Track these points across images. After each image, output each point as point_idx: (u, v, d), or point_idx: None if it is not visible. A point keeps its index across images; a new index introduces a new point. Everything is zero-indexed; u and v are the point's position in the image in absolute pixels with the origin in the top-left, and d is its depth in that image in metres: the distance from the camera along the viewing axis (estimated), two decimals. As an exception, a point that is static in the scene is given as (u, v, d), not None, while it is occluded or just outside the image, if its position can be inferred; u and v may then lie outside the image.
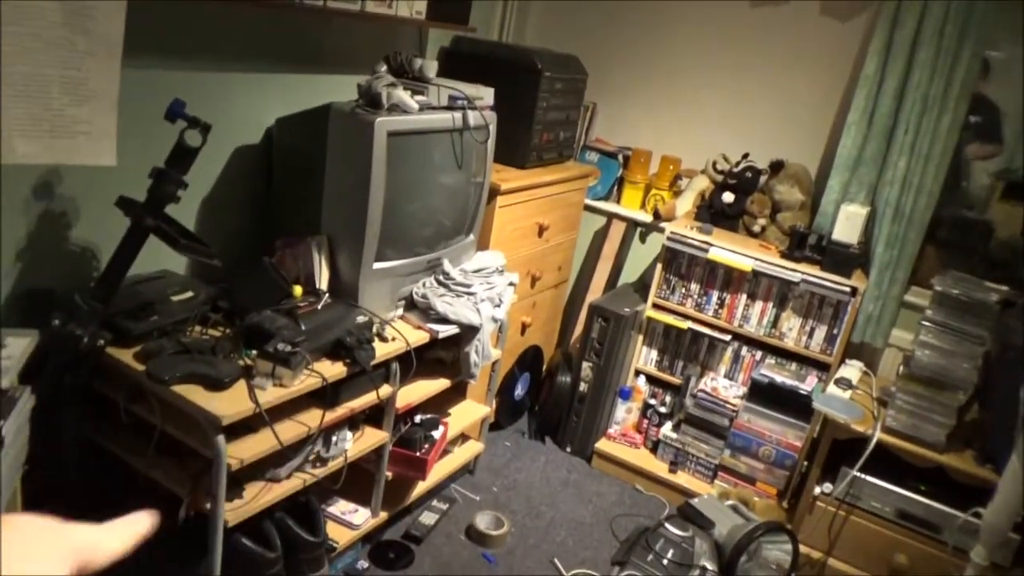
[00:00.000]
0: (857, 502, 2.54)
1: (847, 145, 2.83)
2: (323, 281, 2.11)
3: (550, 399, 3.16)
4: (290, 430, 1.90)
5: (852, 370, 2.82)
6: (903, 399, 2.46)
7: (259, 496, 1.90)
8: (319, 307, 2.02)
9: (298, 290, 2.06)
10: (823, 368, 2.86)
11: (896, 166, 2.75)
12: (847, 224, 2.77)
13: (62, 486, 1.82)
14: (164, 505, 1.83)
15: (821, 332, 2.84)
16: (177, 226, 1.78)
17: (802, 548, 2.53)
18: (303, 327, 1.92)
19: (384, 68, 2.15)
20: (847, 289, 2.73)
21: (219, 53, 2.12)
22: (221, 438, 1.70)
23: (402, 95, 2.04)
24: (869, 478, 2.51)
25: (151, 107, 1.71)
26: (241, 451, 1.78)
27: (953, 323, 2.40)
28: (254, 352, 1.83)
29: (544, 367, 3.32)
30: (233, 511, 1.83)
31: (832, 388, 2.70)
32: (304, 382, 1.87)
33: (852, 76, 2.87)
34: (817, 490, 2.60)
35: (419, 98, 2.12)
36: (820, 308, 2.82)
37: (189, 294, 1.95)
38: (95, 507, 1.93)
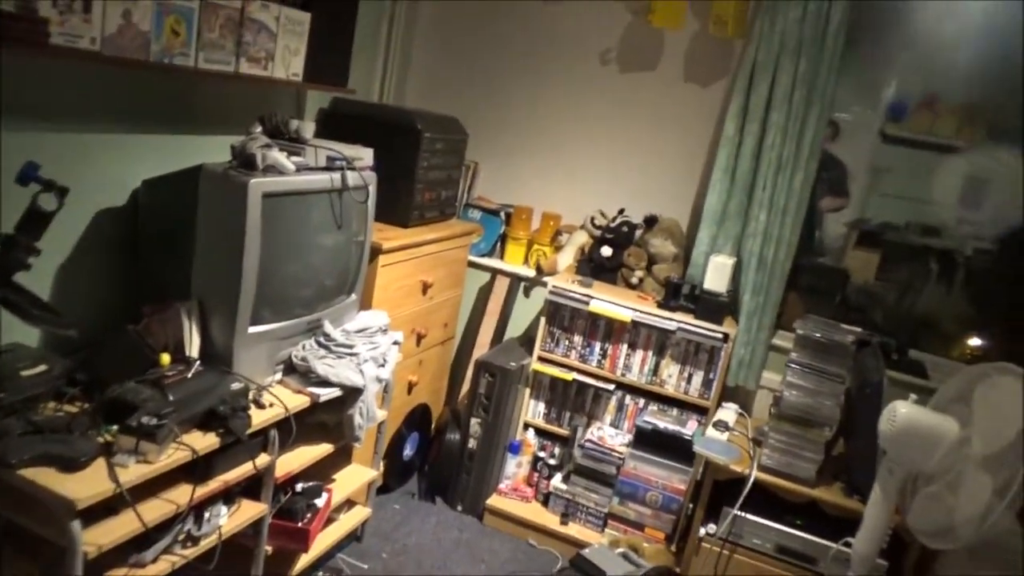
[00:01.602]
0: (739, 540, 2.63)
1: (712, 201, 3.01)
2: (194, 348, 2.02)
3: (440, 458, 3.12)
4: (156, 509, 1.77)
5: (728, 413, 2.94)
6: (775, 438, 2.59)
7: (122, 584, 1.76)
8: (189, 375, 1.92)
9: (165, 358, 1.95)
10: (702, 412, 2.97)
11: (757, 219, 2.95)
12: (716, 274, 2.93)
13: None
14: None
15: (698, 377, 2.96)
16: (28, 295, 1.66)
17: (691, 591, 2.59)
18: (171, 397, 1.81)
19: (259, 129, 2.12)
20: (719, 335, 2.87)
21: (80, 114, 2.02)
22: (76, 524, 1.57)
23: (278, 156, 2.01)
24: (749, 516, 2.60)
25: (4, 171, 1.61)
26: (100, 536, 1.64)
27: (815, 364, 2.57)
28: (115, 427, 1.72)
29: (433, 425, 3.28)
30: (91, 603, 1.68)
31: (711, 431, 2.80)
32: (172, 456, 1.76)
33: (715, 137, 3.08)
34: (702, 531, 2.67)
35: (296, 159, 2.10)
36: (696, 354, 2.94)
37: (42, 368, 1.81)
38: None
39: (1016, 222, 3.13)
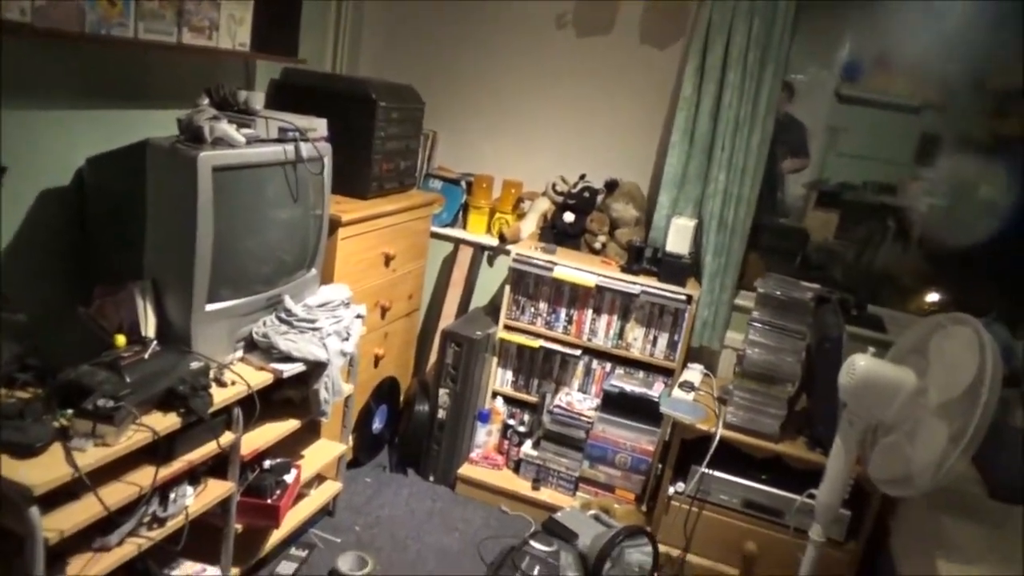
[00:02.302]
0: (707, 497, 2.68)
1: (672, 163, 3.01)
2: (150, 328, 1.97)
3: (409, 430, 3.12)
4: (119, 492, 1.75)
5: (694, 373, 2.98)
6: (740, 396, 2.63)
7: (86, 569, 1.73)
8: (146, 356, 1.88)
9: (121, 339, 1.91)
10: (668, 374, 3.00)
11: (717, 180, 2.96)
12: (678, 236, 2.94)
13: None
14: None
15: (663, 339, 2.98)
16: (-31, 280, 1.61)
17: (661, 548, 2.63)
18: (128, 379, 1.78)
19: (206, 101, 2.06)
20: (683, 297, 2.90)
21: (17, 91, 1.94)
22: (34, 510, 1.54)
23: (226, 128, 1.96)
24: (716, 473, 2.65)
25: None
26: (61, 522, 1.62)
27: (776, 321, 2.61)
28: (70, 411, 1.68)
29: (401, 398, 3.28)
30: (56, 589, 1.66)
31: (677, 392, 2.84)
32: (132, 438, 1.73)
33: (672, 99, 3.07)
34: (671, 490, 2.72)
35: (246, 131, 2.04)
36: (661, 317, 2.96)
37: (-10, 354, 1.76)
38: None
39: (968, 177, 3.20)
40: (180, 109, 2.05)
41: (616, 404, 2.93)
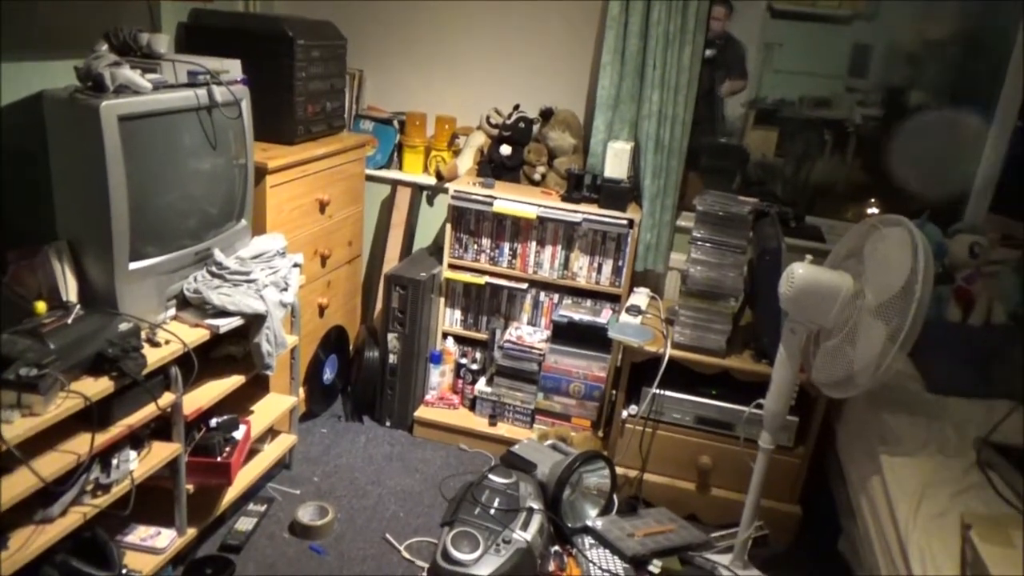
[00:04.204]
0: (660, 417, 2.72)
1: (605, 86, 2.96)
2: (71, 292, 1.88)
3: (361, 377, 3.09)
4: (55, 462, 1.69)
5: (641, 297, 2.99)
6: (685, 315, 2.66)
7: (30, 542, 1.68)
8: (69, 321, 1.80)
9: (41, 306, 1.82)
10: (615, 300, 3.02)
11: (651, 100, 2.93)
12: (615, 161, 2.92)
13: None
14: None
15: (608, 266, 2.98)
16: None
17: (619, 470, 2.69)
18: (51, 345, 1.70)
19: (104, 47, 1.92)
20: (624, 222, 2.89)
21: None
22: (-38, 487, 1.48)
23: (129, 74, 1.84)
24: (667, 393, 2.69)
25: None
26: (-6, 496, 1.56)
27: (716, 238, 2.62)
28: (-8, 383, 1.60)
29: (351, 346, 3.24)
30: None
31: (624, 317, 2.85)
32: (61, 406, 1.66)
33: (601, 19, 3.00)
34: (624, 413, 2.75)
35: (151, 76, 1.92)
36: (604, 244, 2.96)
37: (-103, 331, 1.66)
38: None
39: (898, 84, 3.22)
40: (79, 59, 1.91)
41: (566, 334, 2.94)
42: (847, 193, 3.41)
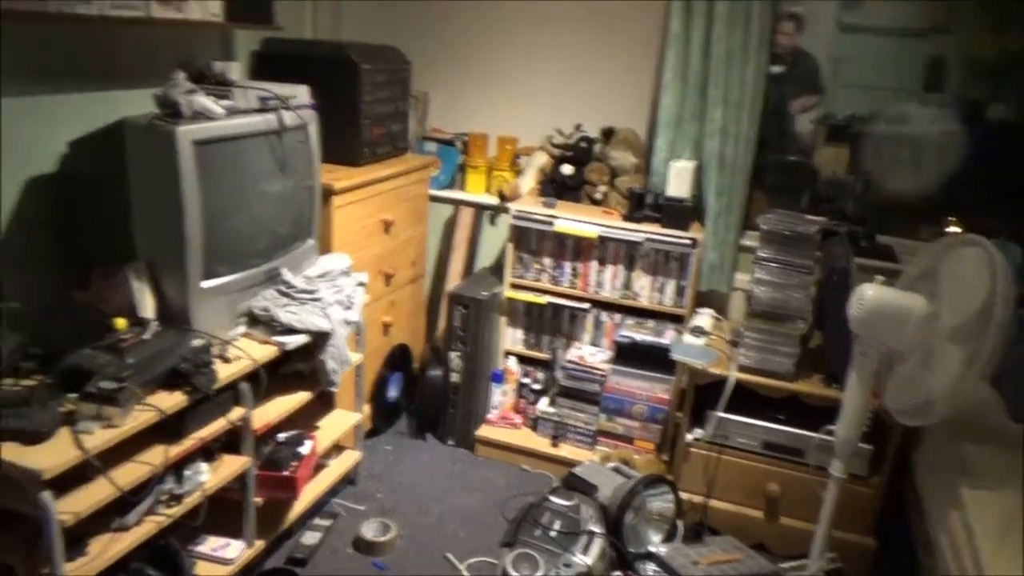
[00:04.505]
0: (726, 442, 2.66)
1: (667, 104, 2.94)
2: (148, 309, 1.97)
3: (425, 395, 3.12)
4: (131, 472, 1.76)
5: (704, 318, 2.94)
6: (751, 336, 2.59)
7: (107, 549, 1.76)
8: (146, 337, 1.88)
9: (121, 322, 1.91)
10: (678, 320, 2.97)
11: (713, 119, 2.89)
12: (678, 180, 2.89)
13: None
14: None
15: (671, 286, 2.94)
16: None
17: (683, 495, 2.63)
18: (129, 360, 1.78)
19: (182, 75, 2.02)
20: (687, 241, 2.85)
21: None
22: (46, 494, 1.55)
23: (204, 101, 1.93)
24: (733, 417, 2.62)
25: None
26: (75, 504, 1.63)
27: (782, 257, 2.56)
28: (75, 395, 1.68)
29: (415, 364, 3.28)
30: (78, 570, 1.68)
31: (688, 337, 2.80)
32: (138, 419, 1.74)
33: (662, 38, 2.99)
34: (689, 437, 2.70)
35: (224, 103, 2.01)
36: (666, 263, 2.92)
37: (-8, 345, 1.77)
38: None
39: (975, 98, 3.09)
40: (159, 87, 2.02)
41: (629, 355, 2.91)
42: (921, 211, 3.28)
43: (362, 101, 2.67)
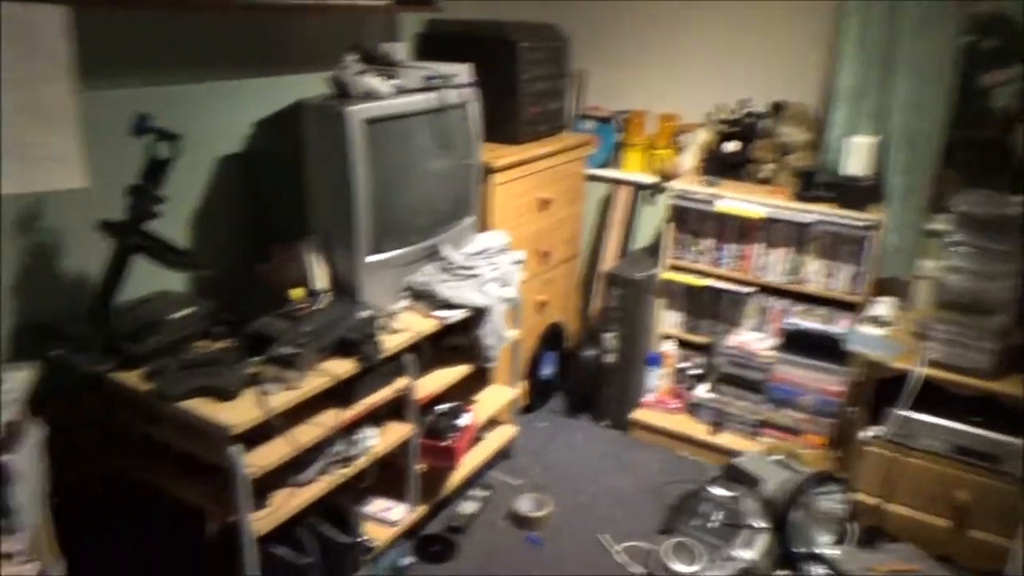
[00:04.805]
0: (909, 442, 2.42)
1: (845, 76, 2.72)
2: (321, 281, 2.09)
3: (579, 374, 3.11)
4: (308, 433, 1.88)
5: (884, 307, 2.70)
6: (941, 329, 2.35)
7: (286, 503, 1.89)
8: (320, 307, 2.00)
9: (297, 293, 2.03)
10: (852, 308, 2.75)
11: (897, 91, 2.63)
12: (856, 157, 2.67)
13: (93, 514, 1.82)
14: (193, 522, 1.82)
15: (846, 272, 2.73)
16: (162, 242, 1.77)
17: (856, 496, 2.44)
18: (305, 328, 1.89)
19: (352, 57, 2.11)
20: (865, 224, 2.63)
21: (184, 65, 2.10)
22: (235, 448, 1.68)
23: (372, 81, 2.01)
24: (918, 416, 2.39)
25: (122, 127, 1.70)
26: (259, 459, 1.77)
27: (980, 243, 2.28)
28: (258, 359, 1.82)
29: (569, 343, 3.27)
30: (261, 520, 1.81)
31: (865, 327, 2.59)
32: (314, 383, 1.85)
33: (840, 5, 2.75)
34: (866, 434, 2.49)
35: (391, 82, 2.08)
36: (840, 247, 2.71)
37: (189, 310, 1.94)
38: (127, 531, 1.92)
39: None
40: (332, 70, 2.12)
41: (796, 343, 2.74)
42: None
43: (520, 79, 2.68)
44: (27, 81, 1.47)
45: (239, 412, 1.71)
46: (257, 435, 1.77)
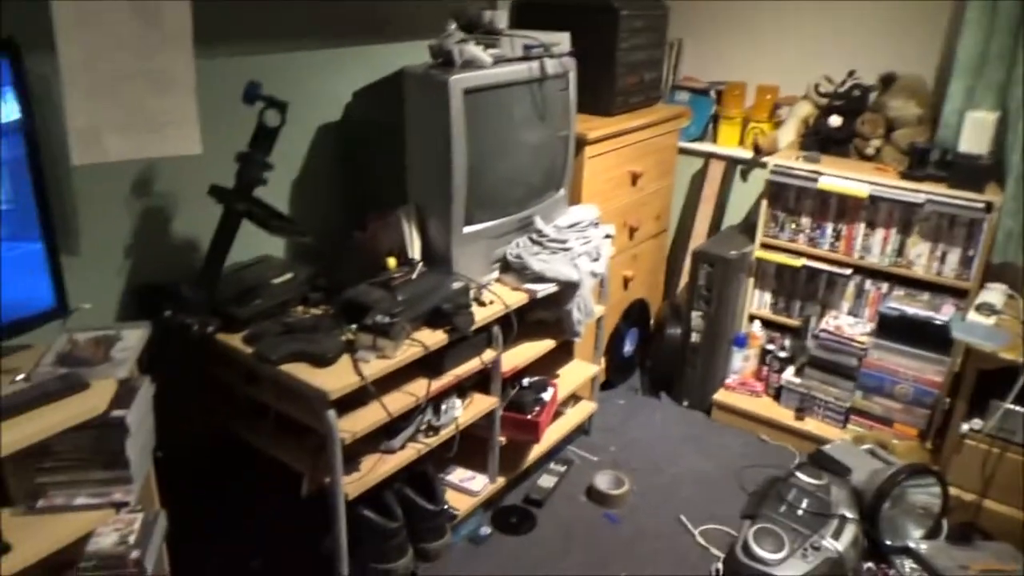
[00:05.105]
0: (1012, 437, 2.31)
1: (968, 45, 2.54)
2: (415, 250, 2.09)
3: (661, 353, 3.05)
4: (398, 401, 1.90)
5: (995, 294, 2.55)
6: (1058, 319, 2.21)
7: (376, 468, 1.92)
8: (414, 277, 2.01)
9: (392, 262, 2.05)
10: (960, 295, 2.61)
11: (1028, 61, 2.45)
12: (974, 133, 2.49)
13: (193, 470, 1.90)
14: (286, 482, 1.88)
15: (954, 256, 2.58)
16: (267, 208, 1.80)
17: (952, 490, 2.33)
18: (399, 298, 1.90)
19: (453, 26, 2.08)
20: (980, 205, 2.47)
21: (288, 34, 2.11)
22: (331, 412, 1.72)
23: (474, 50, 1.98)
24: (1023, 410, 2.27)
25: (232, 94, 1.72)
26: (352, 424, 1.80)
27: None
28: (354, 326, 1.84)
29: (652, 320, 3.21)
30: (352, 484, 1.85)
31: (973, 315, 2.45)
32: (406, 352, 1.86)
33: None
34: (965, 427, 2.38)
35: (492, 51, 2.04)
36: (951, 229, 2.56)
37: (289, 276, 1.98)
38: (225, 488, 2.00)
39: None
40: (430, 38, 2.10)
41: (895, 329, 2.61)
42: None
43: (619, 48, 2.60)
44: (150, 50, 1.50)
45: (336, 378, 1.74)
46: (351, 400, 1.80)
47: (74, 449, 1.45)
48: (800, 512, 2.20)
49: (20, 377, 1.44)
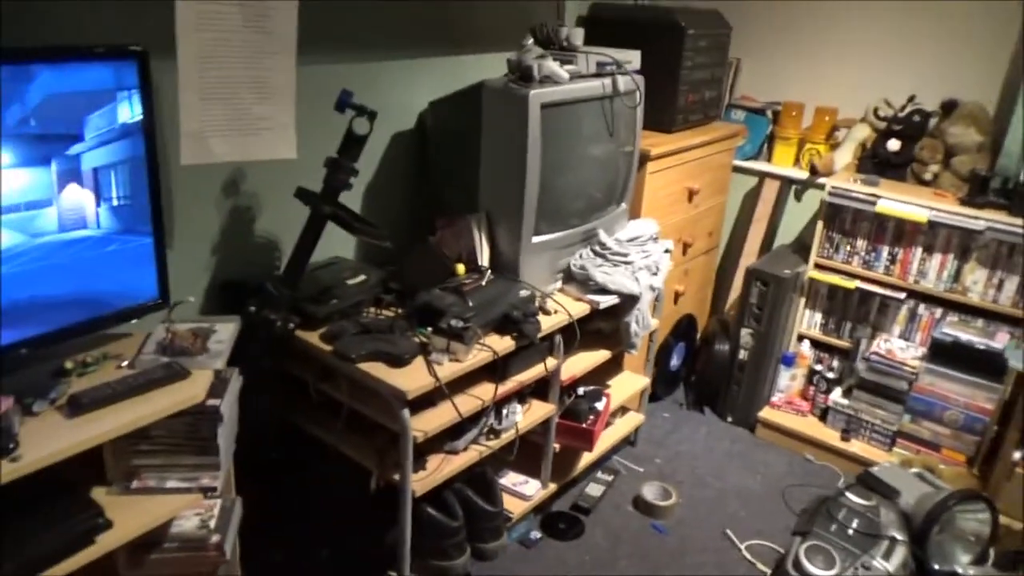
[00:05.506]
0: (1065, 467, 2.31)
1: (1034, 75, 2.55)
2: (484, 257, 2.15)
3: (708, 368, 3.08)
4: (465, 403, 1.95)
5: (1051, 323, 2.56)
6: (1118, 352, 2.21)
7: (440, 467, 1.97)
8: (483, 283, 2.06)
9: (461, 268, 2.10)
10: (1016, 323, 2.61)
11: (1096, 92, 2.46)
12: (1038, 162, 2.51)
13: (265, 462, 1.96)
14: (353, 477, 1.94)
15: (1012, 283, 2.59)
16: (350, 212, 1.86)
17: (1002, 519, 2.33)
18: (471, 303, 1.95)
19: (531, 41, 2.14)
20: (1042, 235, 2.48)
21: (371, 43, 2.18)
22: (406, 412, 1.77)
23: (552, 66, 2.03)
24: (1079, 441, 2.27)
25: (320, 100, 1.79)
26: (424, 424, 1.85)
27: None
28: (428, 329, 1.89)
29: (698, 335, 3.24)
30: (418, 482, 1.90)
31: (1029, 344, 2.46)
32: (477, 356, 1.91)
33: (1034, -4, 2.58)
34: (1016, 455, 2.38)
35: (568, 67, 2.10)
36: (1010, 257, 2.57)
37: (362, 277, 2.04)
38: (295, 481, 2.06)
39: None
40: (502, 52, 2.16)
41: (947, 355, 2.62)
42: None
43: (683, 67, 2.64)
44: (259, 59, 1.57)
45: (411, 378, 1.79)
46: (421, 401, 1.85)
47: (169, 434, 1.51)
48: (850, 531, 2.21)
49: (124, 364, 1.51)
